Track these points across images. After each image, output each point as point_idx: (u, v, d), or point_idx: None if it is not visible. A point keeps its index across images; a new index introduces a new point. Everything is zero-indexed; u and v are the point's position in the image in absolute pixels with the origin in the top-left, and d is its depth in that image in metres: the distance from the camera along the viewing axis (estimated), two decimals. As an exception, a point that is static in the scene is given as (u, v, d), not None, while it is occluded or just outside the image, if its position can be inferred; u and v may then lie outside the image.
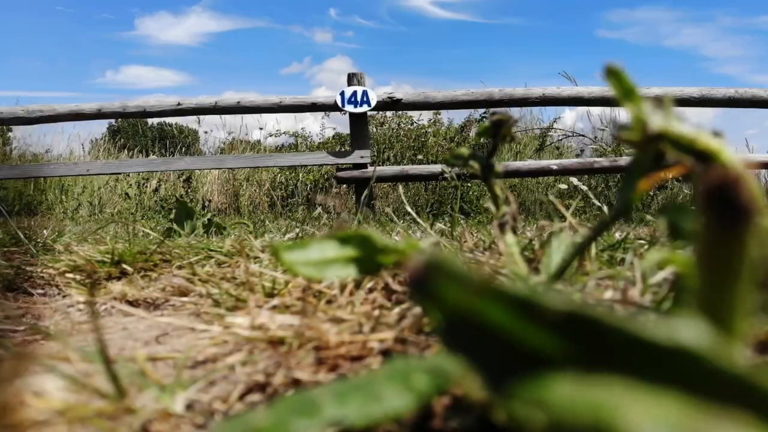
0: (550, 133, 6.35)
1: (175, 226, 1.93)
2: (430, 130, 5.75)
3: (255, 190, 5.07)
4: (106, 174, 4.59)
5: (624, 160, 4.91)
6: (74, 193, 5.04)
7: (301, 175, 5.45)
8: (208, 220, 2.03)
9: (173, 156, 4.95)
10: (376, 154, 5.65)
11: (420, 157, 5.47)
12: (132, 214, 4.27)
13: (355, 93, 4.64)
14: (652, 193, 5.73)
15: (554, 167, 4.77)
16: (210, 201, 4.79)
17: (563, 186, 4.76)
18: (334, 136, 7.38)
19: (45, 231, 2.20)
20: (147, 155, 8.50)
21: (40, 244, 1.74)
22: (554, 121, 7.55)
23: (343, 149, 5.88)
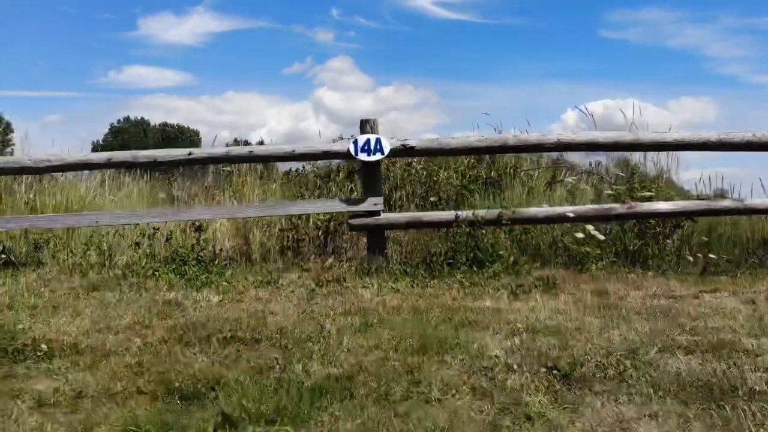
0: (559, 165, 6.27)
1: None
2: (442, 168, 5.67)
3: (265, 232, 5.00)
4: (116, 225, 4.53)
5: (641, 206, 4.83)
6: (82, 235, 4.97)
7: (312, 216, 5.37)
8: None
9: (185, 204, 4.86)
10: (387, 191, 5.56)
11: (433, 198, 5.40)
12: (143, 268, 4.21)
13: (368, 141, 4.57)
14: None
15: (570, 215, 4.71)
16: (221, 249, 4.73)
17: (580, 235, 4.68)
18: (341, 169, 7.17)
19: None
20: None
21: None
22: (561, 156, 7.42)
23: (353, 191, 5.80)
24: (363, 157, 4.58)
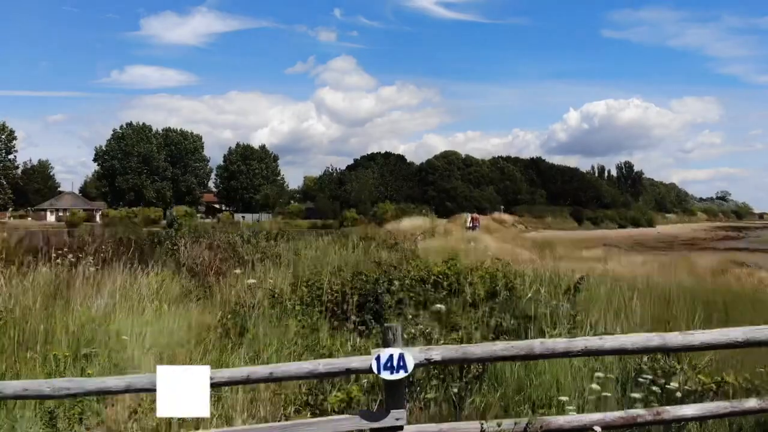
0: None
1: None
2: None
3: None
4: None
5: (667, 413, 4.73)
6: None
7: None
8: None
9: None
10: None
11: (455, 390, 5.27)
12: None
13: (391, 357, 4.43)
14: None
15: (597, 429, 4.60)
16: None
17: (608, 454, 4.58)
18: (353, 297, 7.13)
19: None
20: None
21: None
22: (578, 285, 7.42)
23: (373, 405, 5.65)
24: (386, 375, 4.44)
